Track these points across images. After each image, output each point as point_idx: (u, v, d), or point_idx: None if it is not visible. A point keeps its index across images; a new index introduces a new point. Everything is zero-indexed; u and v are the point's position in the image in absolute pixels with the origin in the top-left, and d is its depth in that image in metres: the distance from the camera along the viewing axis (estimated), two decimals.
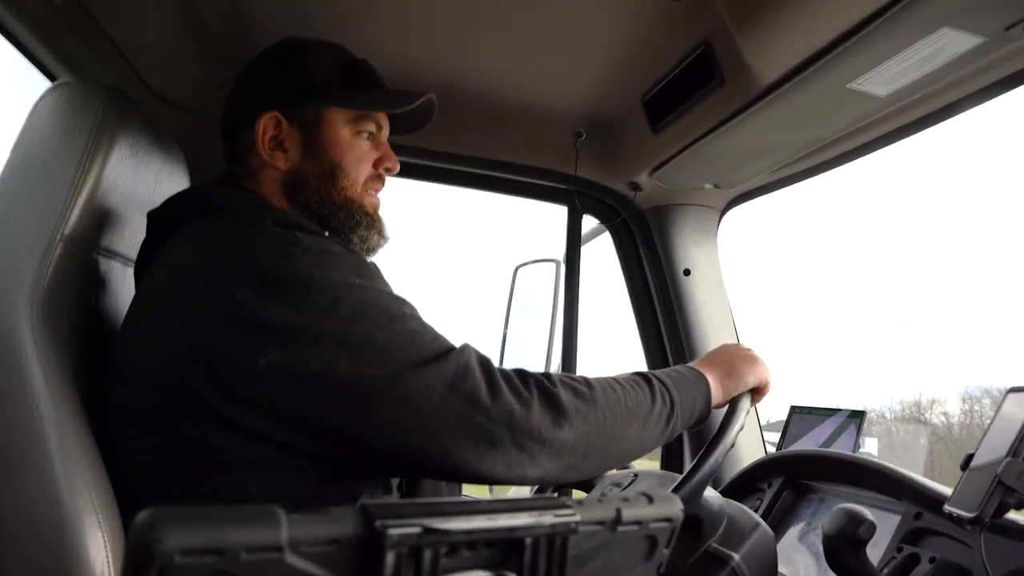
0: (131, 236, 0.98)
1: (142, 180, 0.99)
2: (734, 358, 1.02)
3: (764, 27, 1.10)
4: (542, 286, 1.91)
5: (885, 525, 1.05)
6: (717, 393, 0.98)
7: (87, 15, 1.08)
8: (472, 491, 1.95)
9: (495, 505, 0.33)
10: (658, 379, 0.92)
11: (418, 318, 0.81)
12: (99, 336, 0.90)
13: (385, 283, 0.85)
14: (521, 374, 0.81)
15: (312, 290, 0.75)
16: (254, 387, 0.73)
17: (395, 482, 0.87)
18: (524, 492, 1.97)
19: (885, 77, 1.05)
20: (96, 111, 0.89)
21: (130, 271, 1.00)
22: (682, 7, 1.17)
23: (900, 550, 1.01)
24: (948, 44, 0.95)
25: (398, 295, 0.83)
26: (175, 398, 0.76)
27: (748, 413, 1.01)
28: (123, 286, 1.00)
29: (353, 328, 0.75)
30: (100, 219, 0.91)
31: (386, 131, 1.04)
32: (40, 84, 1.16)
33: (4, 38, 1.08)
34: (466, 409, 0.75)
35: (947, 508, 0.81)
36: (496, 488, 1.94)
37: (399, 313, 0.79)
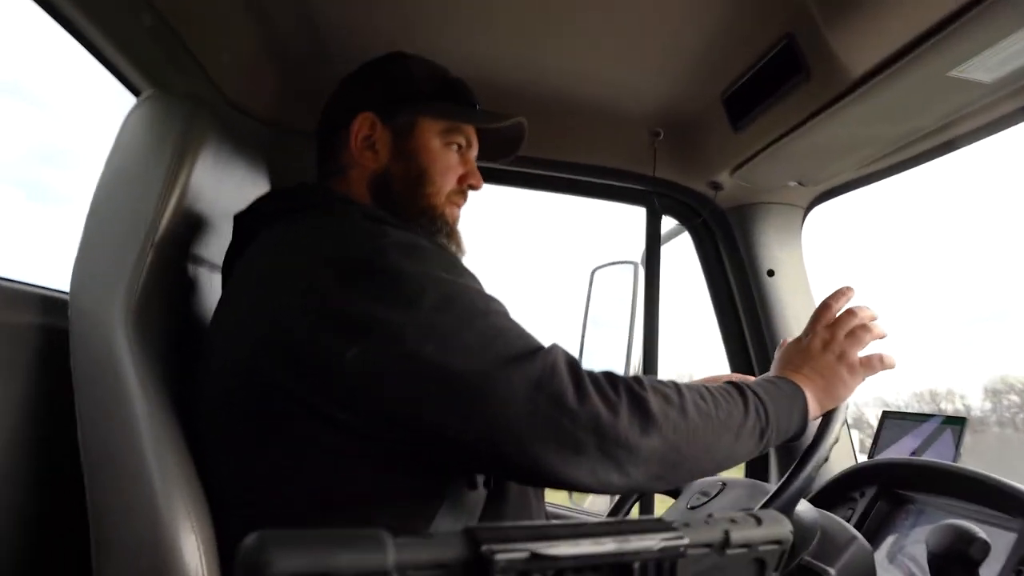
0: (216, 242, 1.01)
1: (225, 188, 1.02)
2: (827, 372, 0.96)
3: (854, 15, 1.05)
4: (620, 288, 1.89)
5: (999, 544, 0.98)
6: (814, 408, 0.94)
7: (172, 32, 1.12)
8: (550, 495, 1.95)
9: (601, 528, 0.32)
10: (752, 391, 0.88)
11: (506, 315, 0.80)
12: (189, 340, 0.93)
13: (475, 279, 0.84)
14: (610, 377, 0.78)
15: (399, 281, 0.76)
16: (339, 377, 0.74)
17: (481, 478, 0.85)
18: (603, 497, 1.96)
19: (991, 63, 0.98)
20: (181, 121, 0.93)
21: (217, 276, 1.03)
22: None
23: (1020, 573, 0.94)
24: None
25: (486, 292, 0.82)
26: (262, 391, 0.77)
27: (842, 425, 0.96)
28: (211, 291, 1.03)
29: (439, 321, 0.74)
30: (188, 226, 0.94)
31: (475, 151, 1.07)
32: (123, 98, 1.22)
33: (91, 54, 1.13)
34: (551, 411, 0.72)
35: None
36: (576, 493, 1.94)
37: (486, 309, 0.78)
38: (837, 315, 1.00)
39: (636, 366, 1.75)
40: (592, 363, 1.98)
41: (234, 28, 1.21)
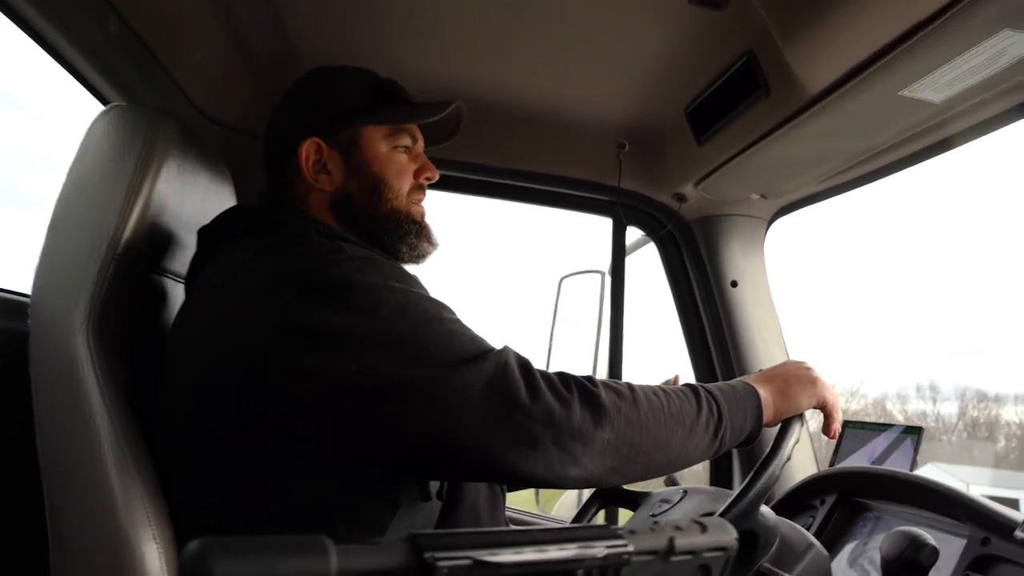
0: (180, 253, 1.00)
1: (189, 199, 1.02)
2: (790, 377, 0.99)
3: (811, 35, 1.07)
4: (587, 297, 1.90)
5: (948, 550, 1.00)
6: (769, 410, 0.96)
7: (138, 41, 1.11)
8: (519, 502, 1.95)
9: (545, 536, 0.33)
10: (706, 390, 0.91)
11: (457, 320, 0.83)
12: (151, 351, 0.92)
13: (424, 289, 0.86)
14: (562, 376, 0.81)
15: (354, 292, 0.78)
16: (298, 389, 0.75)
17: (434, 488, 0.87)
18: (571, 496, 1.96)
19: (940, 83, 1.01)
20: (144, 133, 0.92)
21: (180, 288, 1.03)
22: (725, 16, 1.15)
23: None
24: (1010, 46, 0.92)
25: (437, 299, 0.84)
26: (221, 403, 0.78)
27: (799, 436, 0.98)
28: (173, 301, 1.02)
29: (394, 329, 0.76)
30: (151, 238, 0.94)
31: (421, 143, 1.08)
32: (94, 109, 1.21)
33: (60, 65, 1.13)
34: (505, 409, 0.75)
35: (1019, 534, 0.77)
36: (542, 493, 1.94)
37: (438, 315, 0.80)
38: None
39: (602, 373, 1.77)
40: (560, 370, 1.99)
41: (203, 36, 1.21)
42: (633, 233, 1.87)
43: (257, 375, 0.75)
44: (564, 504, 1.98)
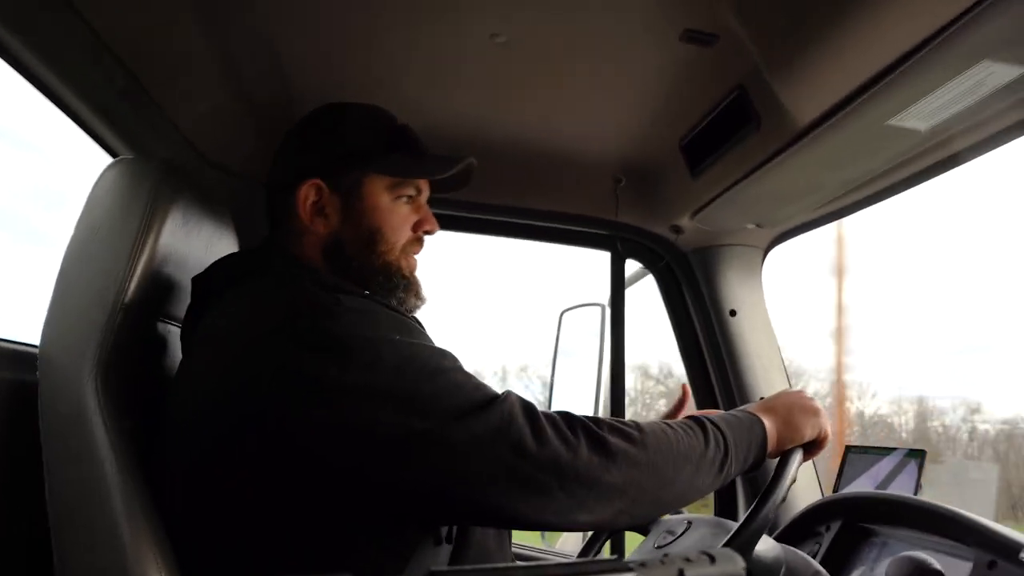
0: (185, 300, 1.01)
1: (194, 246, 1.03)
2: (793, 407, 1.00)
3: (799, 68, 1.10)
4: (588, 330, 1.91)
5: (955, 573, 1.00)
6: (773, 440, 0.96)
7: (145, 93, 1.13)
8: (521, 536, 1.93)
9: (559, 570, 0.34)
10: (711, 422, 0.91)
11: (460, 369, 0.82)
12: (159, 400, 0.93)
13: (426, 337, 0.86)
14: (567, 418, 0.80)
15: (355, 348, 0.77)
16: (301, 444, 0.75)
17: (444, 531, 0.86)
18: (575, 536, 1.95)
19: (925, 112, 1.04)
20: (149, 186, 0.93)
21: None
22: (716, 52, 1.18)
23: None
24: (989, 76, 0.95)
25: (439, 348, 0.84)
26: (224, 459, 0.77)
27: (800, 465, 0.99)
28: (179, 349, 1.03)
29: (396, 383, 0.76)
30: (156, 287, 0.94)
31: (426, 194, 1.04)
32: (101, 155, 1.24)
33: (68, 117, 1.15)
34: (512, 457, 0.75)
35: None
36: (548, 532, 1.92)
37: (440, 366, 0.80)
38: None
39: (604, 405, 1.77)
40: (562, 403, 1.99)
41: (206, 86, 1.24)
42: (631, 265, 1.89)
43: (258, 430, 0.75)
44: (569, 538, 1.97)
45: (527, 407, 0.79)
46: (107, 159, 1.03)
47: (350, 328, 0.78)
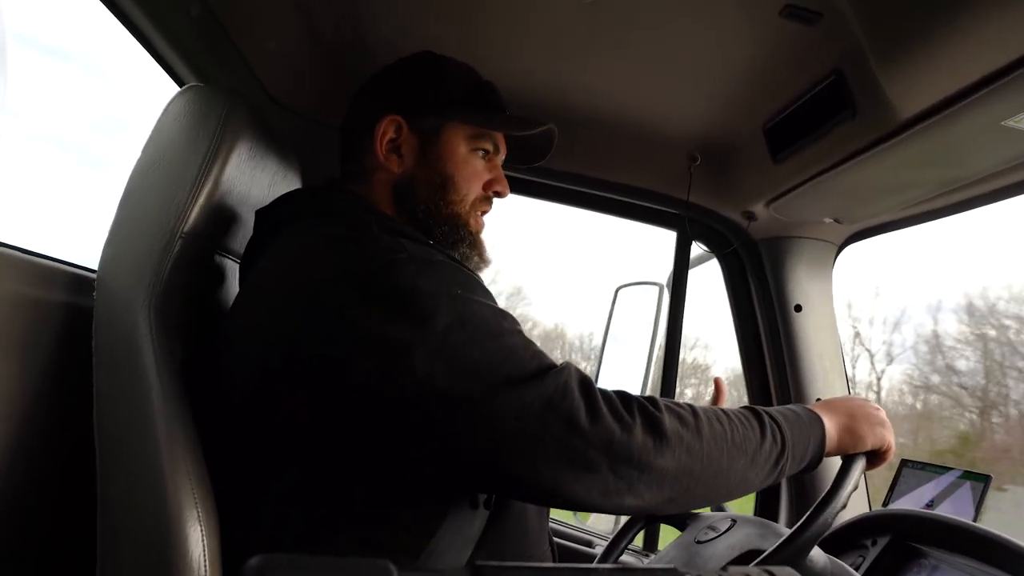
0: (245, 236, 1.01)
1: (258, 182, 1.02)
2: (857, 412, 0.95)
3: (907, 57, 1.02)
4: (642, 309, 1.87)
5: None
6: (832, 443, 0.92)
7: (218, 24, 1.12)
8: (554, 512, 1.93)
9: (607, 573, 0.31)
10: (770, 416, 0.87)
11: (519, 333, 0.79)
12: (210, 331, 0.93)
13: (489, 296, 0.83)
14: (624, 397, 0.77)
15: (412, 300, 0.75)
16: (347, 393, 0.73)
17: (482, 497, 0.84)
18: (608, 516, 1.94)
19: None
20: (219, 115, 0.93)
21: None
22: (815, 31, 1.11)
23: None
24: None
25: (501, 309, 0.81)
26: (273, 397, 0.77)
27: (862, 473, 0.94)
28: (234, 284, 1.03)
29: (450, 341, 0.73)
30: (217, 218, 0.94)
31: (502, 155, 1.04)
32: (167, 83, 1.24)
33: (140, 44, 1.15)
34: (563, 431, 0.72)
35: None
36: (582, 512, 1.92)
37: (498, 328, 0.77)
38: None
39: (653, 387, 1.74)
40: (609, 381, 1.96)
41: (279, 22, 1.22)
42: (694, 248, 1.83)
43: (307, 374, 0.74)
44: (601, 517, 1.95)
45: (584, 381, 0.76)
46: (173, 89, 1.02)
47: (411, 279, 0.76)
